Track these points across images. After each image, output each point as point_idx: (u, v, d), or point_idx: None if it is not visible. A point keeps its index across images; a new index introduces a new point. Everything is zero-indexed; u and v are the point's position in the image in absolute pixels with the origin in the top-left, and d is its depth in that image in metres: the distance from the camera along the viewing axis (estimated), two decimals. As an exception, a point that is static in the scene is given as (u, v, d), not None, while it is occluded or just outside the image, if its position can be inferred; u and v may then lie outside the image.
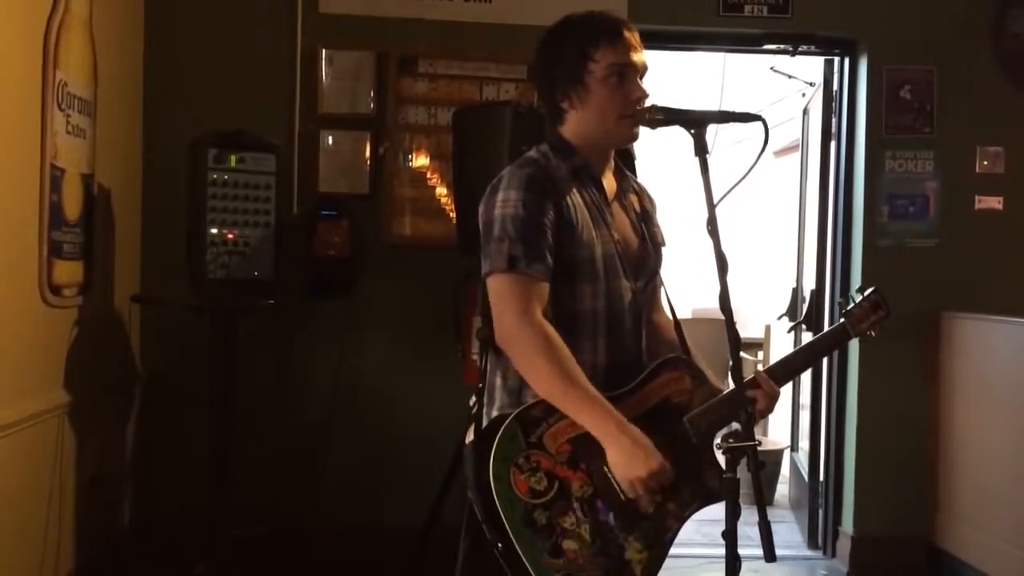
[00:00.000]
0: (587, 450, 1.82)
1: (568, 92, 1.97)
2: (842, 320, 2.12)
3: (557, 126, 2.03)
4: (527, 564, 1.76)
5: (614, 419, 1.81)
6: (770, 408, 2.01)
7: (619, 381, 1.94)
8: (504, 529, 1.76)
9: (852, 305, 2.13)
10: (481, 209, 1.95)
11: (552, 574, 1.77)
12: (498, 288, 1.87)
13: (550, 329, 1.84)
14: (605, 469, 1.83)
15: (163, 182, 3.78)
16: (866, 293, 2.13)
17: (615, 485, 1.84)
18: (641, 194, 2.15)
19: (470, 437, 1.93)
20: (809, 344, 2.16)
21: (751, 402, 1.92)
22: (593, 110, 1.96)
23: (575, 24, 1.99)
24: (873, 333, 2.13)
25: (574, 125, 2.01)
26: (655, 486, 1.82)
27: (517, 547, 1.76)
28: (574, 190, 1.96)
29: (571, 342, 1.88)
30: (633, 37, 1.98)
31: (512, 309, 1.84)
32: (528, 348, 1.83)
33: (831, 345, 2.19)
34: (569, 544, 1.79)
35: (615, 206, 2.04)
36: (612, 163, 2.08)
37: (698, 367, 2.00)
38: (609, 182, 2.05)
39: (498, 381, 1.96)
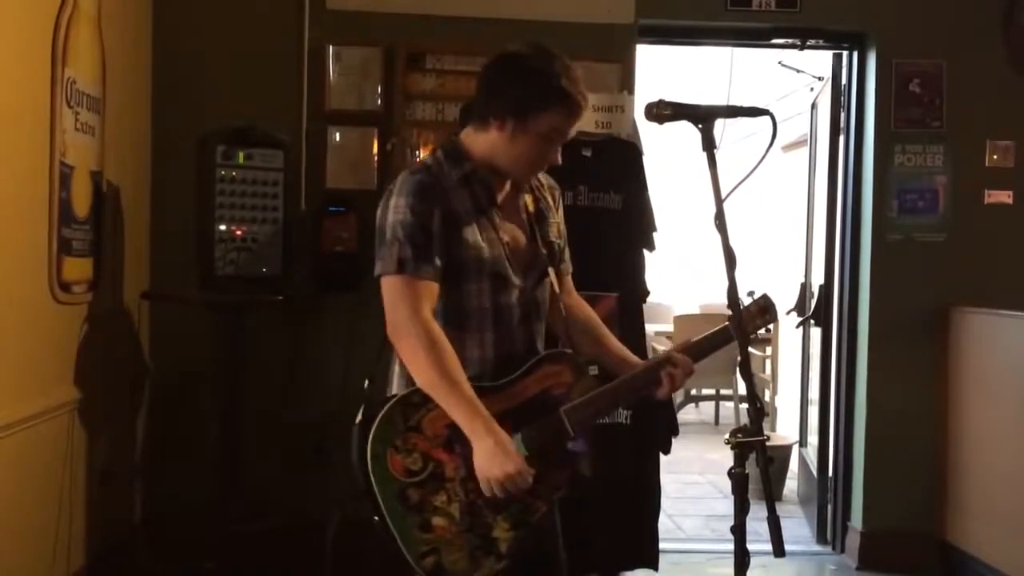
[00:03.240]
0: (463, 435, 1.93)
1: (506, 119, 2.02)
2: (726, 323, 2.15)
3: (469, 130, 2.10)
4: (397, 537, 1.90)
5: (482, 419, 1.91)
6: (683, 383, 2.11)
7: (508, 373, 2.05)
8: (378, 504, 1.90)
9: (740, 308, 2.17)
10: (378, 214, 2.06)
11: (419, 547, 1.90)
12: (389, 289, 1.99)
13: (436, 328, 1.96)
14: None
15: (172, 179, 3.79)
16: (755, 298, 2.24)
17: None
18: (539, 192, 2.21)
19: (359, 418, 2.06)
20: (721, 329, 2.15)
21: (655, 384, 2.07)
22: (515, 148, 2.03)
23: (553, 73, 2.00)
24: (757, 334, 2.29)
25: (487, 143, 2.06)
26: (509, 489, 1.91)
27: (388, 521, 1.90)
28: (463, 195, 2.05)
29: (460, 337, 2.02)
30: (586, 109, 2.06)
31: (402, 308, 1.96)
32: (414, 344, 1.95)
33: (716, 345, 2.19)
34: (438, 521, 1.92)
35: (506, 208, 2.12)
36: None
37: (580, 361, 2.11)
38: (504, 189, 2.12)
39: (396, 368, 2.09)
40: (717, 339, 2.17)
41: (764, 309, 2.22)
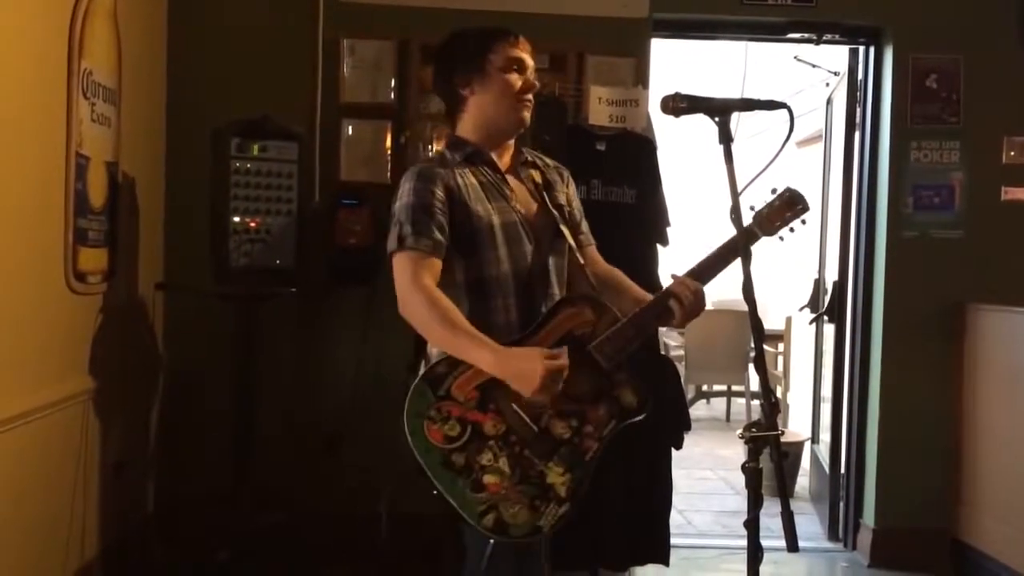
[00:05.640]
0: (495, 392, 2.00)
1: (470, 79, 2.20)
2: (750, 223, 2.13)
3: (456, 117, 2.26)
4: (452, 502, 1.96)
5: (489, 348, 1.98)
6: (696, 306, 2.11)
7: None
8: (429, 477, 1.97)
9: (763, 206, 2.14)
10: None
11: (476, 507, 1.96)
12: (395, 266, 2.11)
13: (435, 291, 2.06)
14: (514, 406, 2.01)
15: (186, 170, 3.80)
16: (779, 192, 2.14)
17: (525, 418, 2.01)
18: (545, 169, 2.35)
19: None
20: (722, 245, 2.16)
21: (667, 314, 2.09)
22: (492, 93, 2.19)
23: (475, 28, 2.26)
24: (792, 229, 2.15)
25: (473, 111, 2.22)
26: (554, 386, 1.95)
27: (440, 488, 1.96)
28: (467, 172, 2.19)
29: (485, 306, 2.12)
30: (526, 44, 2.24)
31: (404, 280, 2.08)
32: (417, 310, 2.05)
33: (743, 244, 2.11)
34: (489, 479, 1.97)
35: (512, 180, 2.25)
36: (511, 148, 2.29)
37: (598, 299, 2.16)
38: (504, 161, 2.27)
39: (434, 351, 2.14)
40: (723, 253, 2.12)
41: (791, 201, 2.11)
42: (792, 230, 2.14)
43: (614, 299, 2.22)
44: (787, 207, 2.12)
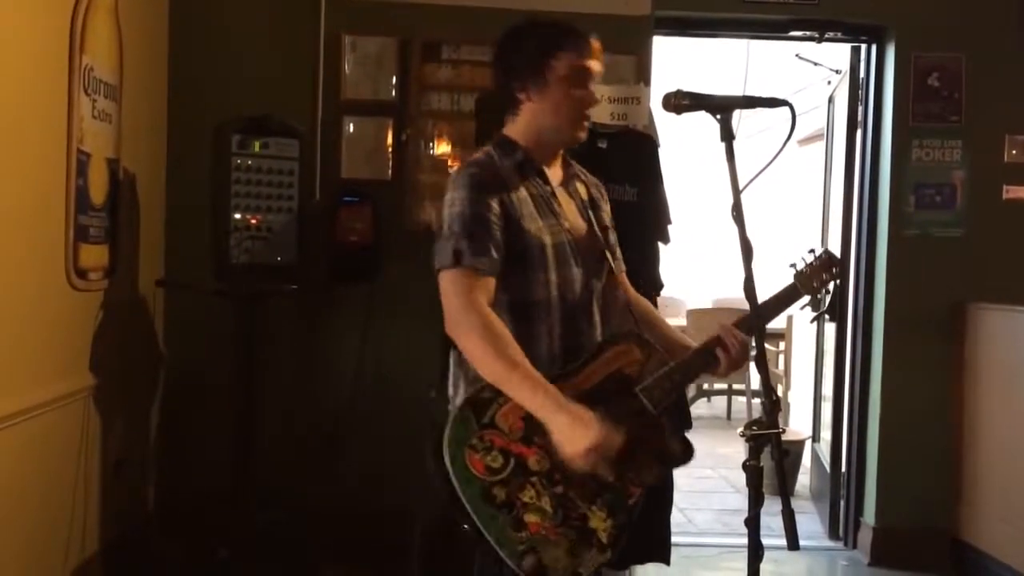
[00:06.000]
0: (541, 426, 1.86)
1: (527, 83, 2.05)
2: (792, 282, 2.17)
3: (508, 118, 2.11)
4: (490, 540, 1.80)
5: (552, 398, 1.85)
6: (740, 356, 2.03)
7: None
8: (465, 509, 1.81)
9: (803, 265, 2.18)
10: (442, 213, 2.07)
11: (516, 547, 1.81)
12: (445, 282, 1.95)
13: (492, 316, 1.91)
14: None
15: (187, 167, 3.80)
16: (817, 253, 2.19)
17: None
18: (588, 183, 2.24)
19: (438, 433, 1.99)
20: (769, 299, 2.13)
21: (713, 360, 2.02)
22: (549, 104, 2.05)
23: (542, 24, 2.10)
24: (827, 290, 2.19)
25: (527, 116, 2.08)
26: (601, 457, 1.84)
27: (479, 524, 1.81)
28: (519, 184, 2.04)
29: (527, 330, 1.98)
30: (594, 45, 2.09)
31: (457, 300, 1.92)
32: (471, 335, 1.90)
33: (785, 302, 2.17)
34: (531, 517, 1.83)
35: (561, 195, 2.12)
36: (560, 158, 2.17)
37: (646, 339, 2.06)
38: (554, 172, 2.14)
39: (462, 372, 2.03)
40: (767, 310, 2.07)
41: (828, 263, 2.16)
42: (827, 291, 2.19)
43: (646, 333, 2.13)
44: (824, 268, 2.16)
